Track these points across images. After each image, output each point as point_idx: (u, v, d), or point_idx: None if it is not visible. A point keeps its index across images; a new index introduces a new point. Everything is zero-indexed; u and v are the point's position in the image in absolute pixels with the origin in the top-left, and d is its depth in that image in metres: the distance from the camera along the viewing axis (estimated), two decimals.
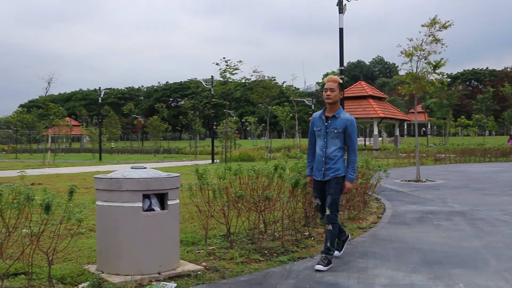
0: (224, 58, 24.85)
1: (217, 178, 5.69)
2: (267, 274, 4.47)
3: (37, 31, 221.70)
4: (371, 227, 6.87)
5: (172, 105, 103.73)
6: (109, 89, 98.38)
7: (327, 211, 4.77)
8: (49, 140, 32.74)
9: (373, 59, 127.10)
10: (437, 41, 13.65)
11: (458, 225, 7.01)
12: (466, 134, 73.39)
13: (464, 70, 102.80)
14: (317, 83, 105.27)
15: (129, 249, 4.18)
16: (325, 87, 4.84)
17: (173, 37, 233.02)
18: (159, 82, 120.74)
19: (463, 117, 57.91)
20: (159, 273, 4.23)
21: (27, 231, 4.13)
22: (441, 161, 25.02)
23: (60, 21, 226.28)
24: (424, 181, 13.94)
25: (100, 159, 33.52)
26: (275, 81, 47.98)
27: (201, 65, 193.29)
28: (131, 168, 4.44)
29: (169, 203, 4.38)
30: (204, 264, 4.75)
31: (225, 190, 5.53)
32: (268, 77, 39.69)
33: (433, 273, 4.48)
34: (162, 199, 4.38)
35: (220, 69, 25.14)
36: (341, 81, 4.98)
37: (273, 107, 39.55)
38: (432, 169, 19.66)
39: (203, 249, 5.34)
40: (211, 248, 5.40)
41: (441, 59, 14.02)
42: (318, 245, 5.63)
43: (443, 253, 5.28)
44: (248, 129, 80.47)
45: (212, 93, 28.64)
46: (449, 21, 13.73)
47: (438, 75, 14.43)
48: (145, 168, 4.46)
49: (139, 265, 4.19)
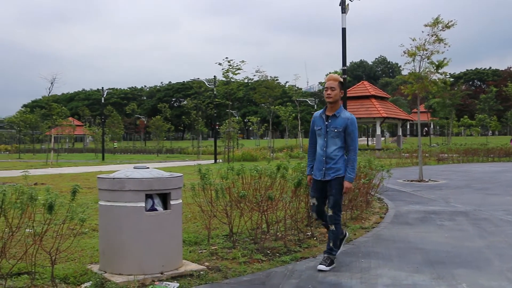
0: (226, 58, 24.96)
1: (219, 178, 5.70)
2: (270, 274, 4.47)
3: (38, 31, 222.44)
4: (374, 227, 6.86)
5: (174, 105, 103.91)
6: (112, 89, 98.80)
7: (330, 211, 4.74)
8: (52, 140, 32.75)
9: (376, 59, 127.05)
10: (440, 41, 13.61)
11: (461, 225, 6.99)
12: (469, 134, 73.25)
13: (467, 70, 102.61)
14: (320, 83, 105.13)
15: (132, 249, 4.18)
16: (326, 86, 4.80)
17: (173, 37, 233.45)
18: (161, 82, 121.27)
19: (466, 117, 57.85)
20: (161, 273, 4.23)
21: (30, 230, 4.15)
22: (444, 161, 24.98)
23: (60, 21, 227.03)
24: (427, 181, 13.91)
25: (103, 159, 33.61)
26: (277, 81, 48.06)
27: (203, 64, 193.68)
28: (133, 168, 4.43)
29: (172, 203, 4.38)
30: (206, 264, 4.75)
31: (228, 190, 5.53)
32: (270, 77, 39.76)
33: (436, 273, 4.47)
34: (164, 199, 4.38)
35: (222, 69, 25.24)
36: (342, 80, 4.94)
37: (276, 107, 39.53)
38: (435, 169, 19.63)
39: (205, 249, 5.34)
40: (213, 248, 5.40)
41: (444, 59, 14.01)
42: (320, 245, 5.62)
43: (446, 253, 5.27)
44: (250, 129, 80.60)
45: (214, 93, 28.68)
46: (452, 21, 13.71)
47: (441, 75, 14.42)
48: (148, 168, 4.45)
49: (142, 265, 4.19)
